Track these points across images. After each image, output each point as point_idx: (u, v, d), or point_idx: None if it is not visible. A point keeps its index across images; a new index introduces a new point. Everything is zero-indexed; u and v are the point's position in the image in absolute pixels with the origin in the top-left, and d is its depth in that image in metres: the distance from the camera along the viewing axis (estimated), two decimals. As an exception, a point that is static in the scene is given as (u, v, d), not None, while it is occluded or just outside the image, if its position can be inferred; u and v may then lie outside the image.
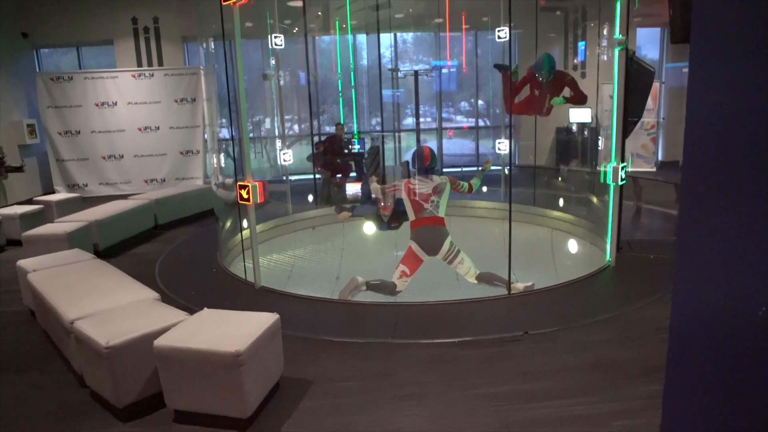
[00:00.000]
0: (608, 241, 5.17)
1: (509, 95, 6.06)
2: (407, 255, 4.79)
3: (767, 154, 1.03)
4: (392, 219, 5.36)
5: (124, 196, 7.99)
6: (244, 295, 4.75)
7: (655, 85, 9.83)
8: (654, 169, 10.50)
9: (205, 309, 3.27)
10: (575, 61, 10.42)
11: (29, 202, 8.23)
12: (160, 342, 2.85)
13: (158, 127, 10.57)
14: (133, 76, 10.47)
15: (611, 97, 5.03)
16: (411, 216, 4.86)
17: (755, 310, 1.03)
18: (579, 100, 5.82)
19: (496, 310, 4.26)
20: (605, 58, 6.45)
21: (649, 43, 11.40)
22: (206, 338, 2.85)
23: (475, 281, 4.82)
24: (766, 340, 1.02)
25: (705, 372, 1.21)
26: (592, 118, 9.22)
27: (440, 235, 4.79)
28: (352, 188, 6.80)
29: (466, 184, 5.05)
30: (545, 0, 9.02)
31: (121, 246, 6.56)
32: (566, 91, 5.90)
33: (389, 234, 5.24)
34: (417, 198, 4.81)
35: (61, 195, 8.46)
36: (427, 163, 4.93)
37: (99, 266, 4.39)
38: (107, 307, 3.41)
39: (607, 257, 5.17)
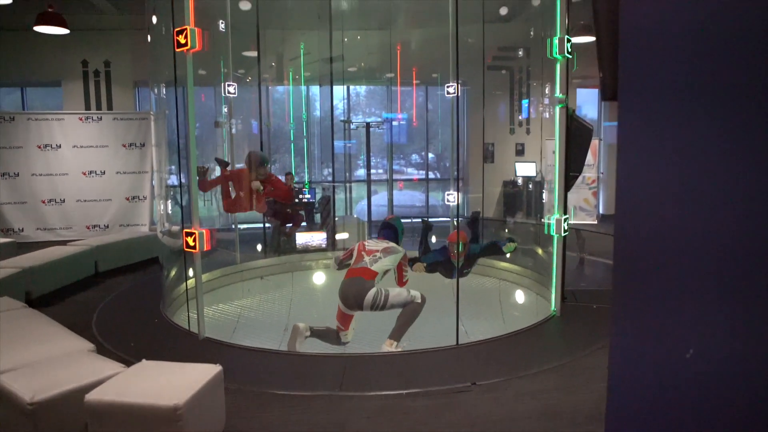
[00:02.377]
0: (553, 291, 5.29)
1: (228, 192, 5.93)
2: (338, 309, 4.72)
3: (691, 203, 1.09)
4: (465, 264, 5.35)
5: (64, 242, 7.66)
6: (186, 347, 4.56)
7: (595, 141, 10.36)
8: (596, 222, 10.92)
9: (144, 360, 3.13)
10: (520, 117, 10.90)
11: (-42, 247, 7.77)
12: (92, 396, 2.68)
13: (104, 172, 10.28)
14: (81, 119, 10.23)
15: (554, 152, 5.27)
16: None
17: (684, 353, 1.08)
18: (285, 196, 6.00)
19: (445, 360, 4.24)
20: (548, 115, 6.78)
21: (588, 102, 12.08)
22: (143, 391, 2.71)
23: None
24: (695, 381, 1.07)
25: (643, 415, 1.24)
26: (536, 172, 9.59)
27: (363, 287, 4.54)
28: (303, 237, 6.76)
29: (407, 276, 5.09)
30: (491, 59, 9.48)
31: (58, 294, 6.23)
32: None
33: (339, 283, 5.18)
34: (363, 252, 4.78)
35: (-7, 240, 8.03)
36: (387, 219, 5.04)
37: (29, 315, 4.16)
38: (35, 359, 3.21)
39: (552, 307, 5.27)
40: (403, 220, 5.53)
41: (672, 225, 1.16)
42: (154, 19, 5.75)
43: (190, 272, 5.23)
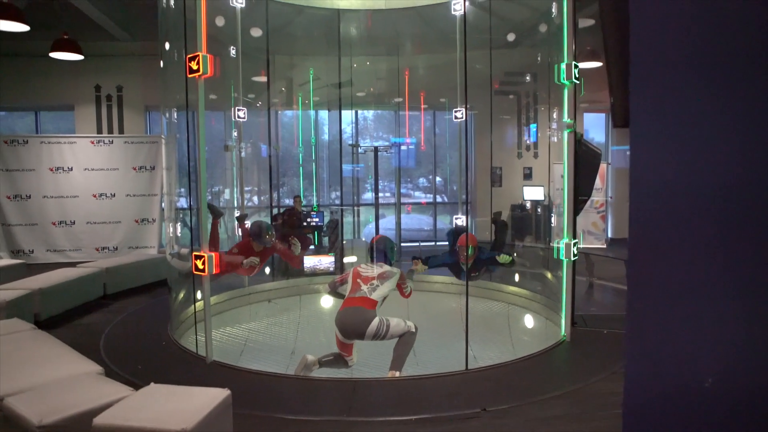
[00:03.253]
0: (563, 316, 5.24)
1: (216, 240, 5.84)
2: (336, 339, 4.65)
3: (704, 227, 1.10)
4: (472, 269, 5.31)
5: (73, 264, 7.70)
6: (194, 370, 4.55)
7: (603, 166, 10.36)
8: (604, 246, 10.85)
9: (152, 384, 3.11)
10: (528, 141, 10.93)
11: (-32, 268, 7.81)
12: (99, 420, 2.67)
13: (114, 194, 10.37)
14: (92, 142, 10.36)
15: (562, 176, 5.28)
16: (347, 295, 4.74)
17: (703, 382, 1.06)
18: (297, 261, 6.23)
19: (454, 386, 4.20)
20: (555, 139, 6.81)
21: (595, 127, 12.12)
22: (151, 415, 2.69)
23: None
24: (714, 411, 1.05)
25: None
26: (544, 196, 9.57)
27: (364, 317, 4.44)
28: (310, 261, 6.75)
29: (408, 288, 5.03)
30: (499, 84, 9.56)
31: (66, 316, 6.24)
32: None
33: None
34: (359, 279, 4.71)
35: (3, 261, 8.07)
36: (374, 241, 5.00)
37: (38, 337, 4.16)
38: (43, 381, 3.21)
39: (562, 332, 5.22)
40: (410, 244, 5.55)
41: (685, 245, 1.16)
42: (167, 46, 5.86)
43: (198, 295, 5.23)
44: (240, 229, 6.57)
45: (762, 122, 1.01)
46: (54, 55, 8.19)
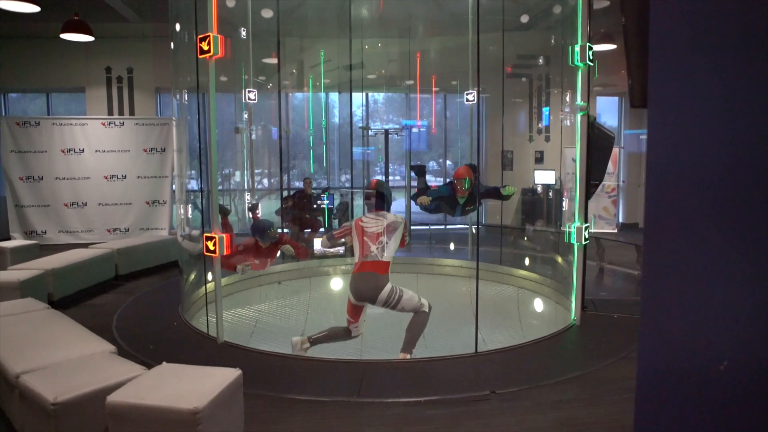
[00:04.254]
0: (573, 300, 5.23)
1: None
2: (348, 302, 4.67)
3: (721, 210, 1.08)
4: (468, 202, 5.30)
5: (85, 245, 7.77)
6: (205, 350, 4.60)
7: (615, 150, 10.25)
8: (615, 231, 10.79)
9: (164, 363, 3.15)
10: (539, 125, 10.84)
11: (-18, 248, 7.91)
12: (113, 398, 2.71)
13: (125, 176, 10.43)
14: (103, 124, 10.40)
15: (574, 160, 5.23)
16: (356, 257, 4.67)
17: (718, 364, 1.05)
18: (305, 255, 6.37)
19: (463, 368, 4.21)
20: (568, 123, 6.74)
21: (608, 111, 11.98)
22: (163, 394, 2.72)
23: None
24: (729, 394, 1.05)
25: (672, 428, 1.21)
26: (555, 180, 9.51)
27: (377, 283, 4.47)
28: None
29: (407, 238, 4.93)
30: (511, 67, 9.45)
31: (78, 296, 6.32)
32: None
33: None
34: (366, 237, 4.64)
35: (16, 242, 8.16)
36: (372, 186, 4.93)
37: (52, 317, 4.21)
38: (58, 360, 3.25)
39: (572, 316, 5.21)
40: (420, 227, 5.53)
41: (701, 229, 1.14)
42: (178, 27, 5.83)
43: (209, 276, 5.27)
44: (253, 219, 6.60)
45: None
46: (65, 36, 8.18)
